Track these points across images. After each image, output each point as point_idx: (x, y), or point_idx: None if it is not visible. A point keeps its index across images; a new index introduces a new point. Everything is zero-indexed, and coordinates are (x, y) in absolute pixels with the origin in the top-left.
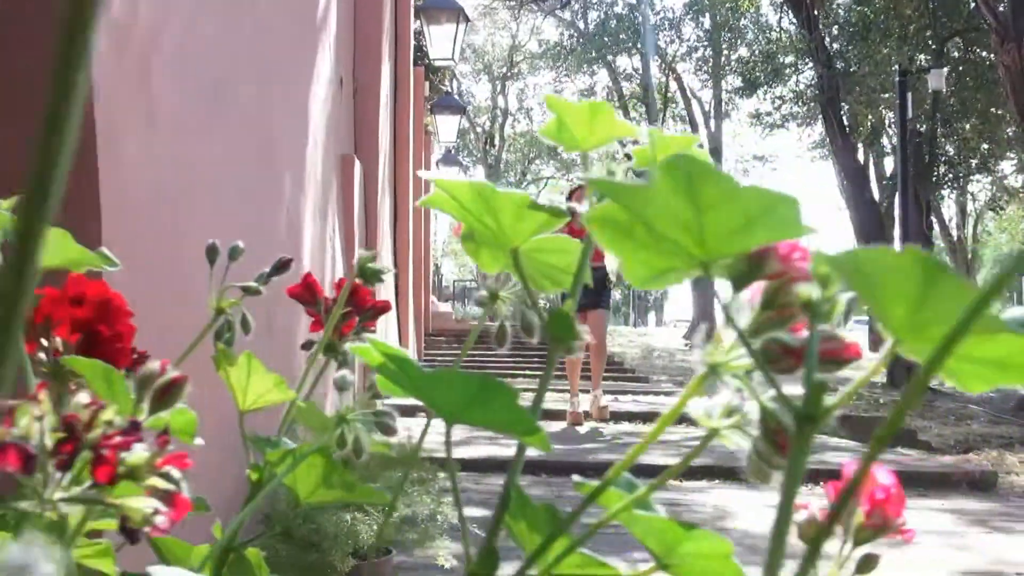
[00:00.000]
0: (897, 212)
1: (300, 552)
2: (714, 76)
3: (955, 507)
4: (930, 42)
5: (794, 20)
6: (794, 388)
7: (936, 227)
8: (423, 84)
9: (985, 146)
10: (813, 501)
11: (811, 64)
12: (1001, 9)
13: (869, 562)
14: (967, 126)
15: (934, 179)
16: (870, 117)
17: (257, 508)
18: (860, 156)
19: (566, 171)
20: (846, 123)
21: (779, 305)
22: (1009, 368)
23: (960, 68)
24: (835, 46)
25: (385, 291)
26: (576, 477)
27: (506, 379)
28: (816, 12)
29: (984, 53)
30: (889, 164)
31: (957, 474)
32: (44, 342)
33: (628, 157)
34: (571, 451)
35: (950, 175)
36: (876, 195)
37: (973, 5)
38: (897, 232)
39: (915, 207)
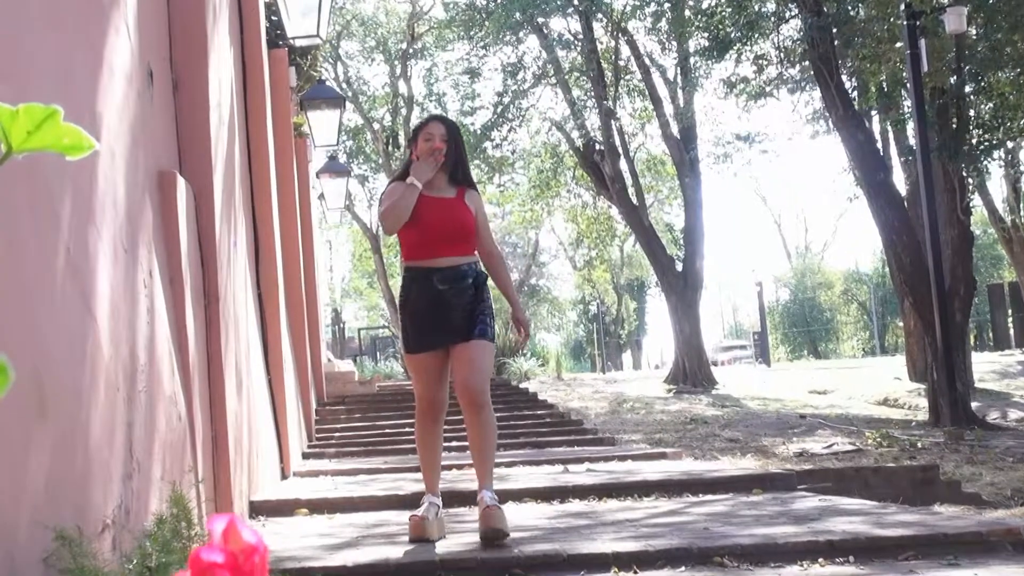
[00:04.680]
0: (923, 197)
1: None
2: (677, 36)
3: None
4: None
5: None
6: None
7: (984, 211)
8: (287, 72)
9: None
10: None
11: (797, 11)
12: None
13: None
14: (1003, 78)
15: (966, 149)
16: (881, 75)
17: None
18: (875, 126)
19: (493, 172)
20: (850, 85)
21: None
22: None
23: (990, 3)
24: None
25: (248, 356)
26: None
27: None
28: None
29: None
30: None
31: (997, 533)
32: None
33: None
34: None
35: (985, 143)
36: (902, 175)
37: None
38: (926, 221)
39: (946, 188)
